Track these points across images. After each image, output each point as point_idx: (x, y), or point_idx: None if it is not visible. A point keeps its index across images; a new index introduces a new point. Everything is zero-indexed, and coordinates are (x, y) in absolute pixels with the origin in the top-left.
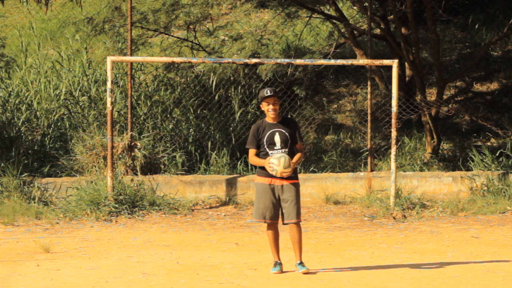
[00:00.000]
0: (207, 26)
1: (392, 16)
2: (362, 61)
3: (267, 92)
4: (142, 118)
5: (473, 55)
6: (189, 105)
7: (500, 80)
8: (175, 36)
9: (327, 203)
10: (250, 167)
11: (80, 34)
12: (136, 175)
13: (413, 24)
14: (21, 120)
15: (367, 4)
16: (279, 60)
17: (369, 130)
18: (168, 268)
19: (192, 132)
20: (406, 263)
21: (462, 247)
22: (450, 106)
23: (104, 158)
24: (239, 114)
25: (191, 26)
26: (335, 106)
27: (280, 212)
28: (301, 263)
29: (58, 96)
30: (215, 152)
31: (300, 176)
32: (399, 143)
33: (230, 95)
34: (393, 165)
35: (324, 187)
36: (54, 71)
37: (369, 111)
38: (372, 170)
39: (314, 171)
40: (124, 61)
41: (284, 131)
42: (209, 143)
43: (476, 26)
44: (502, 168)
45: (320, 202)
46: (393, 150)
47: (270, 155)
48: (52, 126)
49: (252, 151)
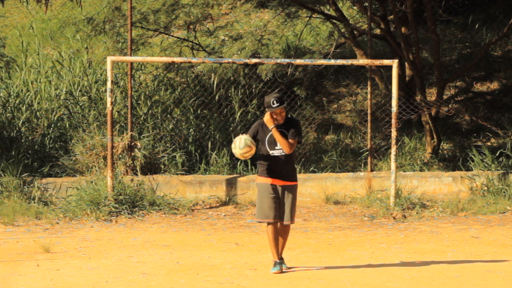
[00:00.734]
0: (207, 26)
1: (392, 16)
2: (362, 61)
3: (273, 103)
4: (142, 118)
5: (473, 55)
6: (189, 105)
7: (500, 80)
8: (175, 36)
9: (327, 203)
10: (250, 167)
11: (80, 34)
12: (136, 175)
13: (413, 24)
14: (21, 120)
15: (367, 4)
16: (279, 60)
17: (369, 130)
18: (168, 268)
19: (192, 132)
20: (406, 263)
21: (462, 247)
22: (450, 106)
23: (104, 158)
24: (239, 114)
25: (191, 26)
26: (335, 106)
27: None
28: (281, 259)
29: (58, 96)
30: (215, 152)
31: (300, 176)
32: (399, 143)
33: (230, 95)
34: (393, 165)
35: (324, 187)
36: (55, 71)
37: (369, 111)
38: (372, 170)
39: (314, 171)
40: (124, 61)
41: (284, 131)
42: (209, 143)
43: (476, 26)
44: (502, 168)
45: (320, 202)
46: (393, 150)
47: (271, 155)
48: (52, 126)
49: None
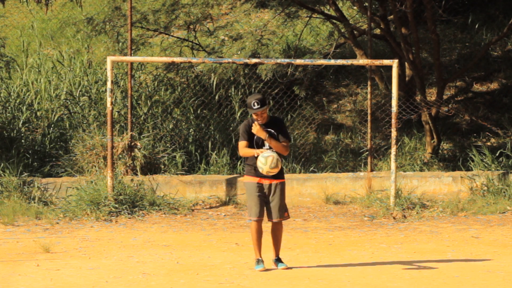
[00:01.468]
0: (207, 26)
1: (392, 16)
2: (362, 61)
3: (254, 104)
4: (142, 118)
5: (473, 55)
6: (189, 105)
7: (500, 80)
8: (175, 36)
9: (327, 203)
10: None
11: (80, 34)
12: (136, 175)
13: (413, 24)
14: (21, 120)
15: (367, 4)
16: (279, 60)
17: (369, 130)
18: (168, 268)
19: (192, 132)
20: (406, 263)
21: (462, 247)
22: (450, 106)
23: (104, 158)
24: (239, 114)
25: (191, 26)
26: (335, 106)
27: (266, 210)
28: (278, 259)
29: (58, 96)
30: (215, 152)
31: (300, 176)
32: (399, 143)
33: (230, 95)
34: (393, 165)
35: (324, 187)
36: (55, 71)
37: (369, 111)
38: (372, 170)
39: (314, 171)
40: (124, 61)
41: (272, 131)
42: (209, 143)
43: (476, 26)
44: (502, 168)
45: (320, 202)
46: (393, 150)
47: (260, 153)
48: (52, 126)
49: (243, 143)
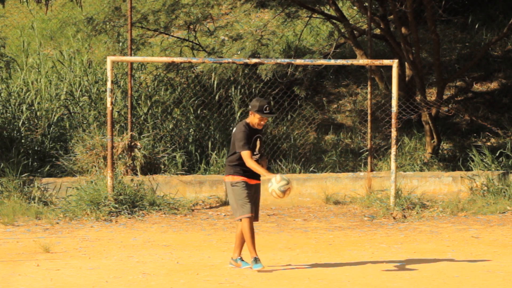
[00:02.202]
0: (207, 26)
1: (392, 16)
2: (362, 61)
3: (266, 109)
4: (142, 118)
5: (473, 55)
6: (189, 105)
7: (500, 80)
8: (175, 36)
9: (327, 203)
10: None
11: (80, 34)
12: (136, 175)
13: (413, 24)
14: (21, 120)
15: (367, 4)
16: (279, 60)
17: (369, 130)
18: (168, 268)
19: (192, 132)
20: (406, 263)
21: (462, 247)
22: (450, 106)
23: (104, 158)
24: (239, 114)
25: (191, 26)
26: (335, 106)
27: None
28: (241, 258)
29: (58, 96)
30: (215, 152)
31: (300, 176)
32: (399, 143)
33: (230, 95)
34: (393, 165)
35: (324, 187)
36: (55, 71)
37: (369, 111)
38: (372, 170)
39: (314, 171)
40: (124, 61)
41: (261, 137)
42: (209, 143)
43: (476, 26)
44: (502, 168)
45: (320, 202)
46: (393, 150)
47: (252, 159)
48: (52, 126)
49: (248, 152)
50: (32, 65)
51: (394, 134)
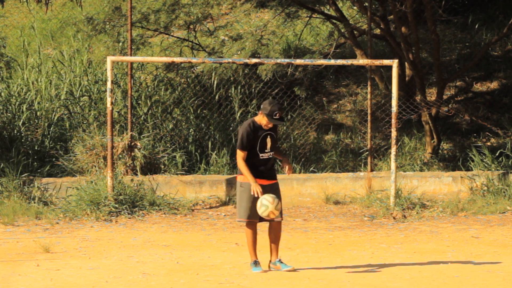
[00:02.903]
0: (207, 26)
1: (392, 16)
2: (362, 61)
3: (275, 115)
4: (142, 118)
5: (473, 55)
6: (189, 105)
7: (500, 80)
8: (175, 36)
9: (327, 203)
10: None
11: (80, 34)
12: (136, 175)
13: (413, 24)
14: (21, 120)
15: (367, 4)
16: (279, 60)
17: (369, 130)
18: (168, 268)
19: (192, 132)
20: (406, 263)
21: (462, 247)
22: (450, 106)
23: (104, 158)
24: (239, 114)
25: (191, 26)
26: (335, 106)
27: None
28: (280, 260)
29: (58, 96)
30: (215, 152)
31: (300, 176)
32: (399, 143)
33: (230, 95)
34: (393, 165)
35: (324, 187)
36: (55, 71)
37: (369, 111)
38: (372, 170)
39: (314, 171)
40: (124, 61)
41: (273, 134)
42: (209, 143)
43: (476, 26)
44: (502, 168)
45: (320, 202)
46: (393, 150)
47: (261, 158)
48: (52, 126)
49: (242, 153)
50: (33, 65)
51: (394, 134)
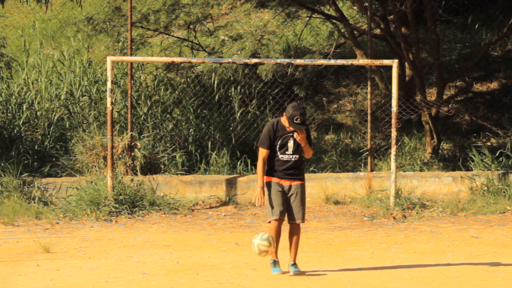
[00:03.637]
0: (207, 26)
1: (392, 16)
2: (362, 61)
3: (296, 119)
4: (142, 118)
5: (473, 55)
6: (189, 105)
7: (500, 80)
8: (175, 36)
9: (327, 203)
10: (250, 167)
11: (80, 34)
12: (136, 175)
13: (413, 24)
14: (21, 120)
15: (367, 4)
16: (279, 60)
17: (369, 130)
18: (168, 268)
19: (192, 132)
20: (406, 263)
21: (462, 247)
22: (450, 106)
23: (104, 158)
24: (239, 114)
25: (191, 26)
26: (335, 106)
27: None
28: (294, 264)
29: (58, 96)
30: (215, 152)
31: None
32: (399, 143)
33: (230, 95)
34: (393, 165)
35: (324, 187)
36: (55, 71)
37: (369, 111)
38: (372, 170)
39: (314, 171)
40: (124, 61)
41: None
42: (209, 143)
43: (476, 26)
44: (502, 168)
45: (320, 202)
46: (393, 150)
47: (281, 159)
48: (52, 126)
49: (264, 151)
50: (33, 65)
51: (394, 134)
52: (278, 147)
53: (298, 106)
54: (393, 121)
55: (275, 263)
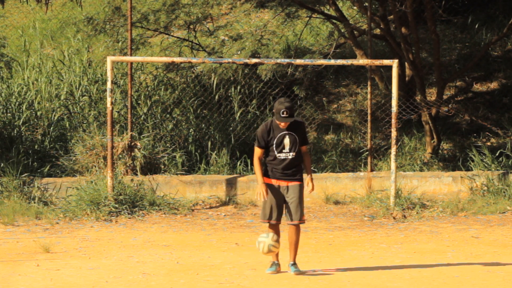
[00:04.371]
0: (207, 26)
1: (392, 16)
2: (362, 61)
3: (283, 113)
4: (142, 118)
5: (473, 55)
6: (189, 105)
7: (500, 80)
8: (175, 36)
9: (327, 203)
10: (250, 167)
11: (80, 34)
12: (136, 175)
13: (413, 24)
14: (21, 120)
15: (367, 4)
16: (279, 60)
17: (369, 130)
18: (168, 268)
19: (192, 132)
20: (406, 263)
21: (462, 247)
22: (450, 106)
23: (104, 158)
24: (239, 114)
25: (191, 26)
26: (335, 106)
27: (285, 212)
28: (294, 264)
29: (58, 96)
30: (215, 152)
31: None
32: (399, 143)
33: (230, 95)
34: (393, 165)
35: (324, 187)
36: (55, 71)
37: (369, 111)
38: (372, 170)
39: (314, 171)
40: (124, 61)
41: (293, 134)
42: (209, 143)
43: (476, 26)
44: (502, 168)
45: (320, 202)
46: (393, 150)
47: (278, 157)
48: (52, 126)
49: (258, 150)
50: (33, 65)
51: (394, 134)
52: (275, 146)
53: (284, 101)
54: (393, 121)
55: (272, 264)
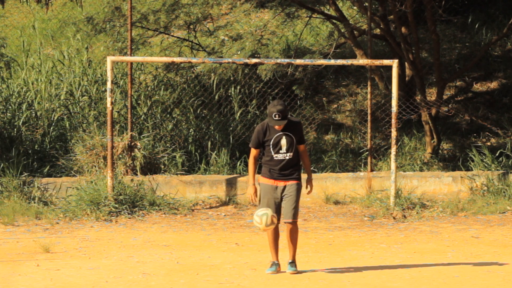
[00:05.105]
0: (207, 26)
1: (392, 16)
2: (362, 61)
3: (275, 116)
4: (142, 118)
5: (473, 55)
6: (189, 105)
7: (500, 80)
8: (175, 36)
9: (327, 203)
10: None
11: (80, 34)
12: (136, 175)
13: (413, 24)
14: (21, 120)
15: (367, 4)
16: (279, 60)
17: (369, 130)
18: (168, 268)
19: (192, 132)
20: (406, 263)
21: (462, 247)
22: (450, 106)
23: (104, 158)
24: (239, 114)
25: (191, 26)
26: (335, 106)
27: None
28: (292, 263)
29: (58, 96)
30: (215, 152)
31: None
32: (399, 143)
33: (230, 95)
34: (393, 165)
35: (324, 187)
36: (55, 71)
37: (369, 111)
38: (372, 170)
39: (314, 171)
40: (124, 61)
41: (290, 134)
42: (209, 143)
43: (476, 26)
44: (502, 168)
45: (320, 202)
46: (393, 150)
47: (275, 158)
48: (52, 126)
49: (254, 150)
50: (33, 65)
51: (394, 134)
52: (272, 146)
53: (277, 103)
54: (393, 121)
55: (272, 264)
